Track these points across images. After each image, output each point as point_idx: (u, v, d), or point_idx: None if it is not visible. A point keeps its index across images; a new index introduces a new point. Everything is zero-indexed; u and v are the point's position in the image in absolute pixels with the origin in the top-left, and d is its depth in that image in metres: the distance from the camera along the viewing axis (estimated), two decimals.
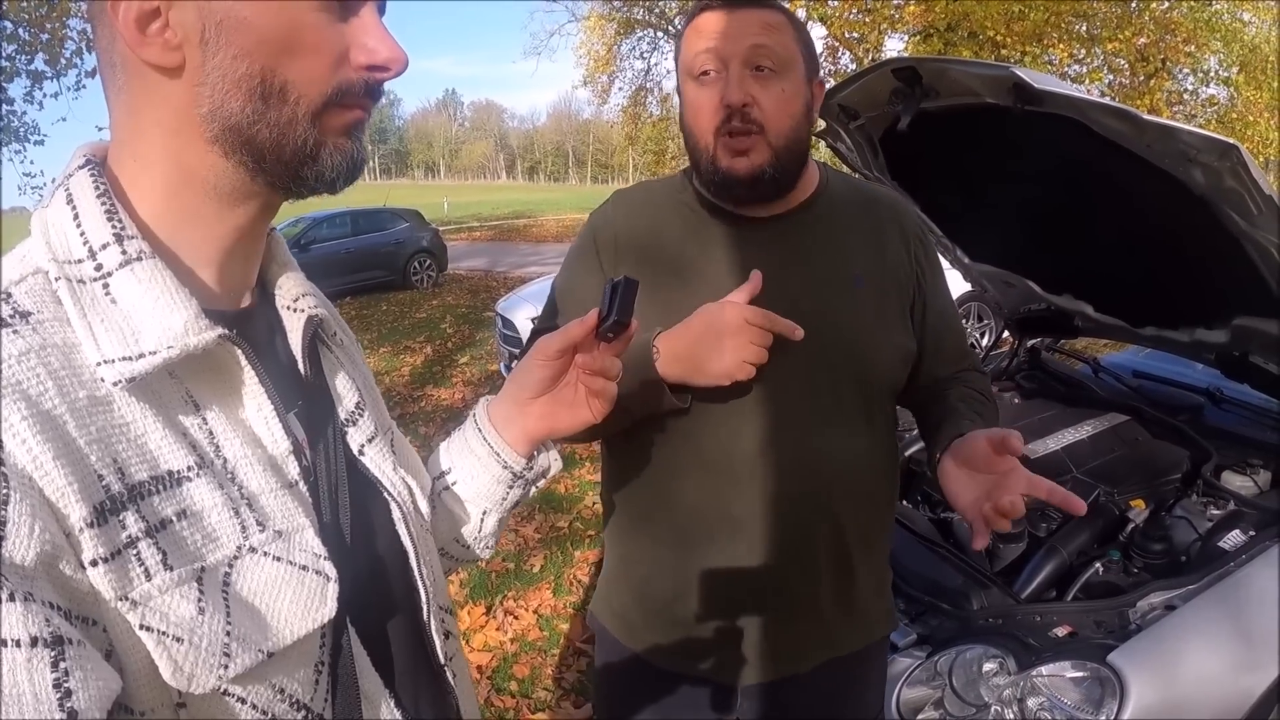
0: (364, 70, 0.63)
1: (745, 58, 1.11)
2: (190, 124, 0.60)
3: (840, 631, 1.30)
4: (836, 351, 1.19)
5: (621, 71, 18.57)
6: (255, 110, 0.60)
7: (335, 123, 0.63)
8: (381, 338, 9.75)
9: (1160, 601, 1.76)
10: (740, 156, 1.13)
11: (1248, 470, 2.27)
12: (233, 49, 0.58)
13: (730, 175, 1.14)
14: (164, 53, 0.58)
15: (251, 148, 0.61)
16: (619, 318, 0.81)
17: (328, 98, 0.62)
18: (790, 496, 1.19)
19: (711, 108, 1.13)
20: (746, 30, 1.11)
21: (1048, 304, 2.78)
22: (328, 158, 0.64)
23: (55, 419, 0.51)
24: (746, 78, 1.12)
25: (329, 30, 0.61)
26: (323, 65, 0.61)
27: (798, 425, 1.18)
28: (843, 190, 1.29)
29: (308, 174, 0.64)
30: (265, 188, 0.64)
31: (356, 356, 0.84)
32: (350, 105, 0.64)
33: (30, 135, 8.53)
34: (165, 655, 0.52)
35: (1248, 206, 1.57)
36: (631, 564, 1.33)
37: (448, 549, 0.94)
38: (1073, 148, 1.75)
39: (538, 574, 3.77)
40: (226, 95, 0.59)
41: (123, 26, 0.57)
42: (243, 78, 0.59)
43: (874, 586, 1.33)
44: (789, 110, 1.14)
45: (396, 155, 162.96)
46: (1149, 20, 12.82)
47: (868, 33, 13.92)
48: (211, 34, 0.58)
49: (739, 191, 1.16)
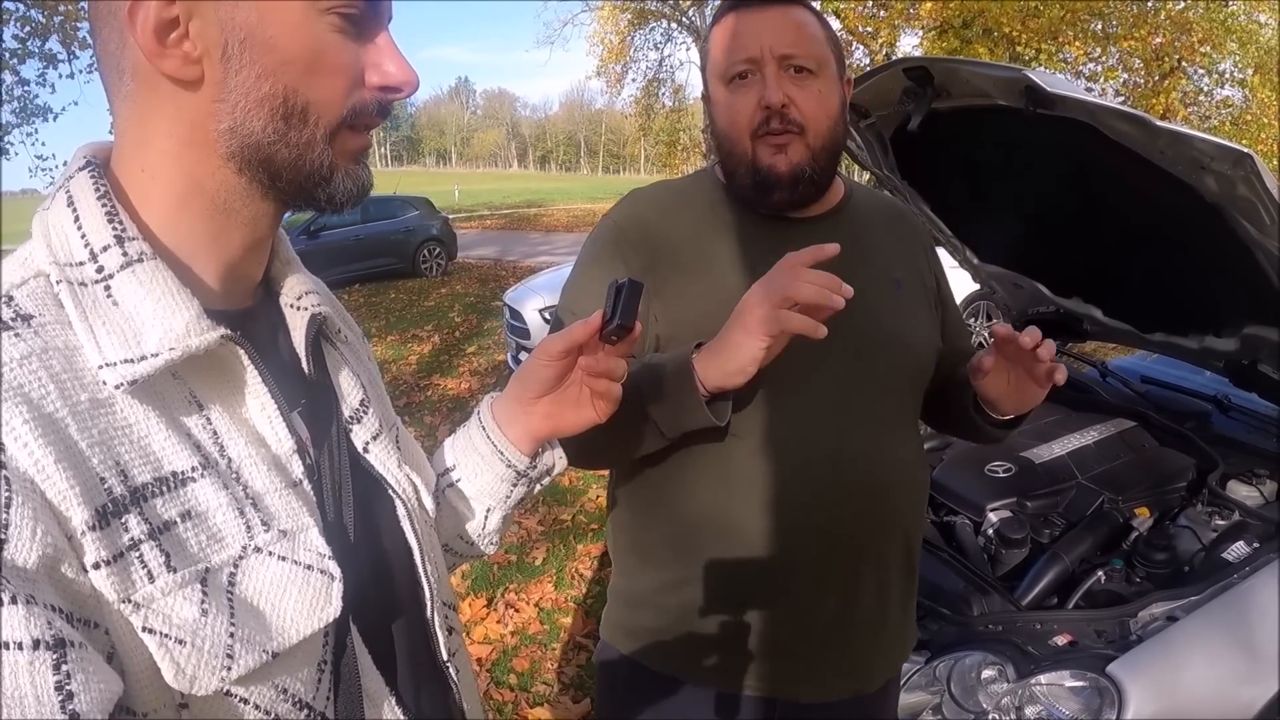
0: (378, 91, 0.64)
1: (781, 58, 1.09)
2: (205, 138, 0.60)
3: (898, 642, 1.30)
4: (885, 353, 1.16)
5: (635, 62, 18.59)
6: (277, 130, 0.60)
7: (347, 146, 0.64)
8: (390, 325, 9.76)
9: (1162, 612, 1.75)
10: (780, 154, 1.11)
11: (1253, 480, 2.26)
12: (257, 67, 0.58)
13: (771, 174, 1.11)
14: (183, 65, 0.58)
15: (269, 166, 0.61)
16: (623, 321, 0.81)
17: (343, 119, 0.63)
18: (839, 506, 1.14)
19: (749, 110, 1.11)
20: (780, 29, 1.09)
21: (1056, 307, 2.77)
22: (340, 181, 0.65)
23: (57, 422, 0.51)
24: (783, 78, 1.09)
25: (347, 51, 0.62)
26: (341, 87, 0.62)
27: (846, 431, 1.13)
28: (865, 196, 1.28)
29: (320, 195, 0.64)
30: (274, 204, 0.65)
31: (362, 353, 0.84)
32: (361, 128, 0.64)
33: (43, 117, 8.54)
34: (168, 657, 0.53)
35: (1260, 215, 1.56)
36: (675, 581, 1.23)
37: (451, 545, 0.95)
38: (1084, 151, 1.74)
39: (540, 567, 3.77)
40: (249, 113, 0.59)
41: (140, 35, 0.56)
42: (266, 97, 0.59)
43: (909, 601, 1.31)
44: (827, 110, 1.12)
45: (408, 142, 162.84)
46: (1165, 19, 12.77)
47: (882, 28, 13.86)
48: (235, 50, 0.58)
49: (779, 193, 1.13)
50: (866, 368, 1.15)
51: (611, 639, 1.34)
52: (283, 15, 0.58)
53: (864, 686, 1.26)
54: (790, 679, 1.22)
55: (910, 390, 1.21)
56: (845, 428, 1.11)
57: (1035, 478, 2.31)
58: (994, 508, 2.23)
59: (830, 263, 1.16)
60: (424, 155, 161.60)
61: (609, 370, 0.84)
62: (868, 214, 1.25)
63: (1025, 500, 2.25)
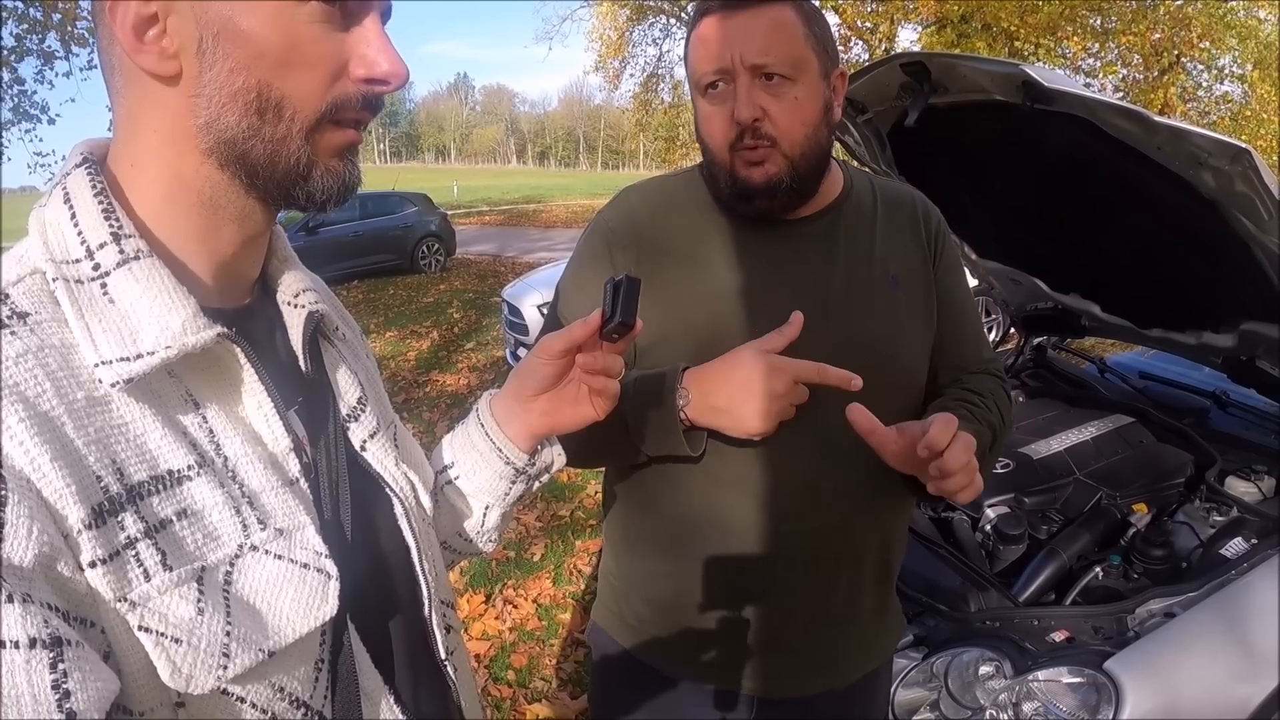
0: (362, 83, 0.62)
1: (753, 68, 1.05)
2: (186, 134, 0.60)
3: (874, 640, 1.30)
4: (874, 356, 1.14)
5: (633, 57, 18.45)
6: (251, 125, 0.59)
7: (329, 142, 0.63)
8: (388, 322, 9.76)
9: (1160, 608, 1.76)
10: (755, 166, 1.08)
11: (1251, 476, 2.26)
12: (230, 61, 0.57)
13: (747, 185, 1.09)
14: (160, 61, 0.57)
15: (245, 163, 0.61)
16: (623, 319, 0.80)
17: (322, 114, 0.61)
18: (818, 508, 1.14)
19: (722, 124, 1.08)
20: (751, 36, 1.04)
21: (1054, 302, 2.77)
22: (319, 179, 0.63)
23: (53, 420, 0.51)
24: (755, 89, 1.05)
25: (328, 42, 0.60)
26: (320, 80, 0.60)
27: (831, 433, 1.10)
28: (867, 191, 1.25)
29: (298, 194, 0.63)
30: (259, 203, 0.64)
31: (360, 351, 0.84)
32: (345, 123, 0.63)
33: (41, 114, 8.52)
34: (164, 656, 0.52)
35: (1258, 211, 1.56)
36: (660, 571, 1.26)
37: (450, 543, 0.95)
38: (1082, 147, 1.74)
39: (538, 563, 3.78)
40: (223, 108, 0.58)
41: (120, 31, 0.56)
42: (239, 91, 0.58)
43: (888, 598, 1.32)
44: (803, 119, 1.08)
45: (407, 139, 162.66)
46: (1163, 14, 12.75)
47: (881, 22, 13.85)
48: (209, 44, 0.57)
49: (757, 202, 1.11)
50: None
51: (600, 621, 1.37)
52: (259, 8, 0.57)
53: (840, 681, 1.28)
54: (769, 675, 1.23)
55: (901, 393, 1.19)
56: (830, 431, 1.08)
57: (1033, 473, 2.31)
58: (992, 503, 2.24)
59: (817, 266, 1.16)
60: (423, 151, 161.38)
61: (607, 368, 0.84)
62: (867, 208, 1.23)
63: (1023, 496, 2.25)
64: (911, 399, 1.22)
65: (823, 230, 1.18)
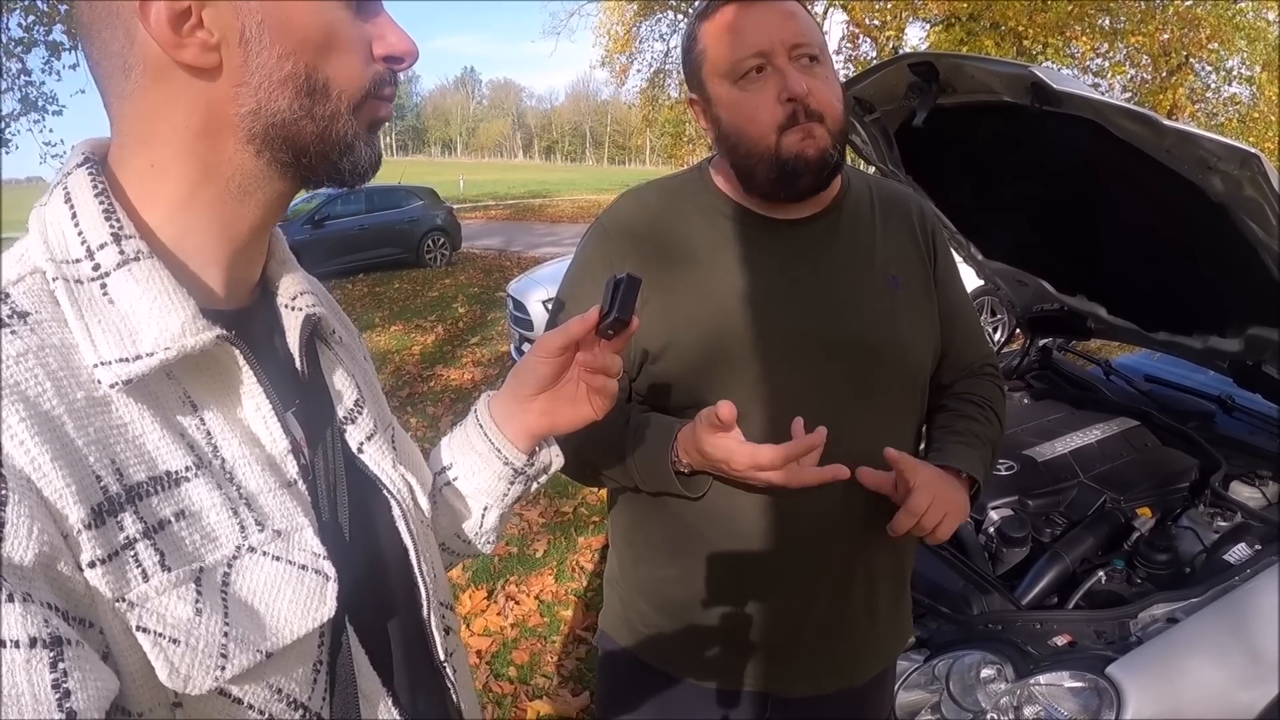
0: (383, 62, 0.67)
1: (792, 48, 1.07)
2: (224, 124, 0.61)
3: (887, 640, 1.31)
4: (877, 358, 1.15)
5: (640, 53, 18.42)
6: (302, 106, 0.63)
7: (369, 114, 0.67)
8: (393, 316, 9.77)
9: (1163, 613, 1.75)
10: (809, 140, 1.08)
11: (1256, 481, 2.25)
12: (278, 48, 0.60)
13: (800, 161, 1.08)
14: (201, 53, 0.59)
15: (294, 144, 0.63)
16: (620, 315, 0.81)
17: (366, 90, 0.66)
18: (828, 509, 1.14)
19: (769, 105, 1.08)
20: (783, 19, 1.08)
21: (1060, 304, 2.76)
22: (362, 150, 0.67)
23: (53, 420, 0.51)
24: (798, 68, 1.08)
25: (355, 28, 0.65)
26: (358, 61, 0.65)
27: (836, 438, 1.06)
28: (864, 190, 1.25)
29: (345, 165, 0.67)
30: (291, 183, 0.67)
31: (357, 353, 0.84)
32: (383, 98, 0.67)
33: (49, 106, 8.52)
34: (161, 657, 0.52)
35: (1266, 216, 1.55)
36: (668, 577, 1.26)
37: (449, 544, 0.94)
38: (1090, 148, 1.73)
39: (540, 559, 3.78)
40: (273, 94, 0.61)
41: (155, 28, 0.57)
42: (289, 76, 0.61)
43: (901, 598, 1.32)
44: (837, 94, 1.12)
45: (413, 132, 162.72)
46: (1172, 15, 12.68)
47: (889, 20, 13.81)
48: (253, 34, 0.59)
49: (805, 179, 1.11)
50: (858, 373, 1.14)
51: (608, 628, 1.36)
52: None
53: (853, 681, 1.28)
54: (782, 675, 1.23)
55: (904, 394, 1.19)
56: (835, 433, 1.07)
57: (1037, 476, 2.31)
58: (995, 506, 2.23)
59: (820, 266, 1.16)
60: (429, 145, 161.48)
61: (606, 366, 0.85)
62: (864, 207, 1.23)
63: (1027, 499, 2.25)
64: (914, 399, 1.22)
65: (824, 231, 1.18)
